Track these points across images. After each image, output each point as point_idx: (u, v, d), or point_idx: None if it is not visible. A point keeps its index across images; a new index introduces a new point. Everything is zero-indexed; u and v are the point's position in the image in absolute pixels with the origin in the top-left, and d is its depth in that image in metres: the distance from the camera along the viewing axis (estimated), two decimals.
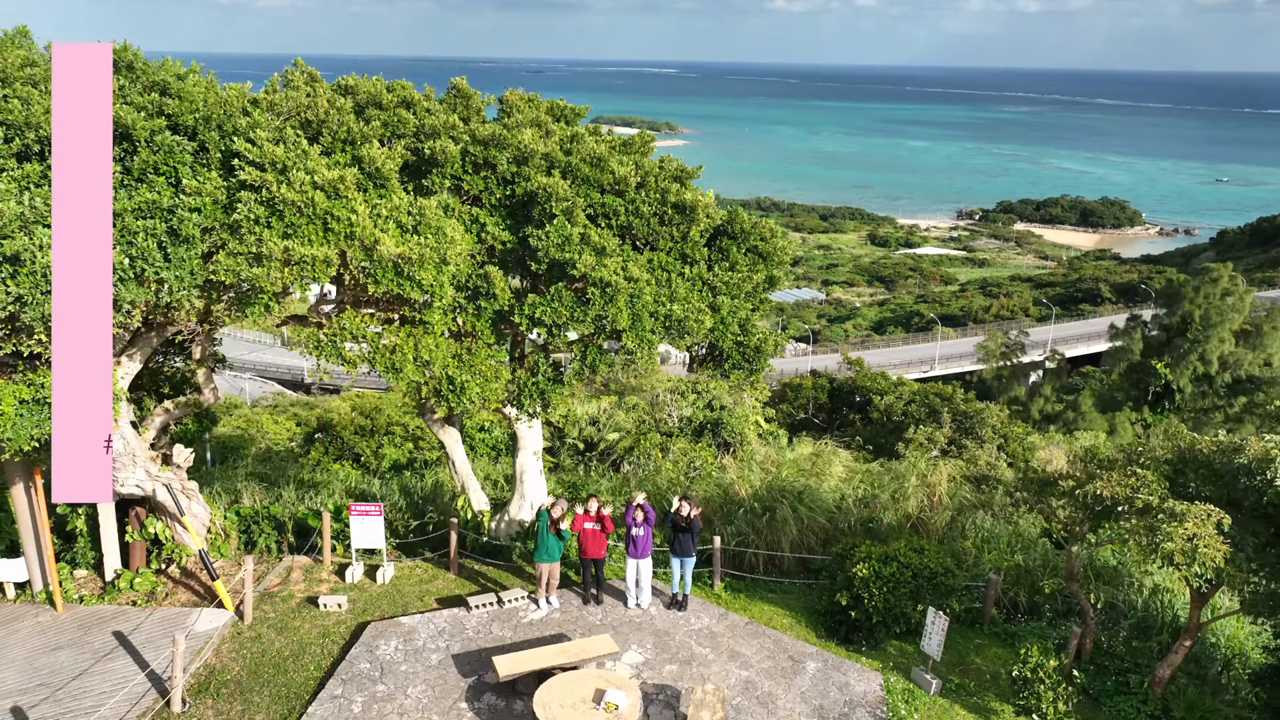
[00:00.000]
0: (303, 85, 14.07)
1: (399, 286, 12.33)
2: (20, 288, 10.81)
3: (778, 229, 18.25)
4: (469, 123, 15.43)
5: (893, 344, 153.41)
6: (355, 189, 12.56)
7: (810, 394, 43.41)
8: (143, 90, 12.78)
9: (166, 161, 11.97)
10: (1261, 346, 42.87)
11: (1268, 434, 12.82)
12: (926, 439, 35.20)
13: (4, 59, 12.17)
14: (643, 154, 17.02)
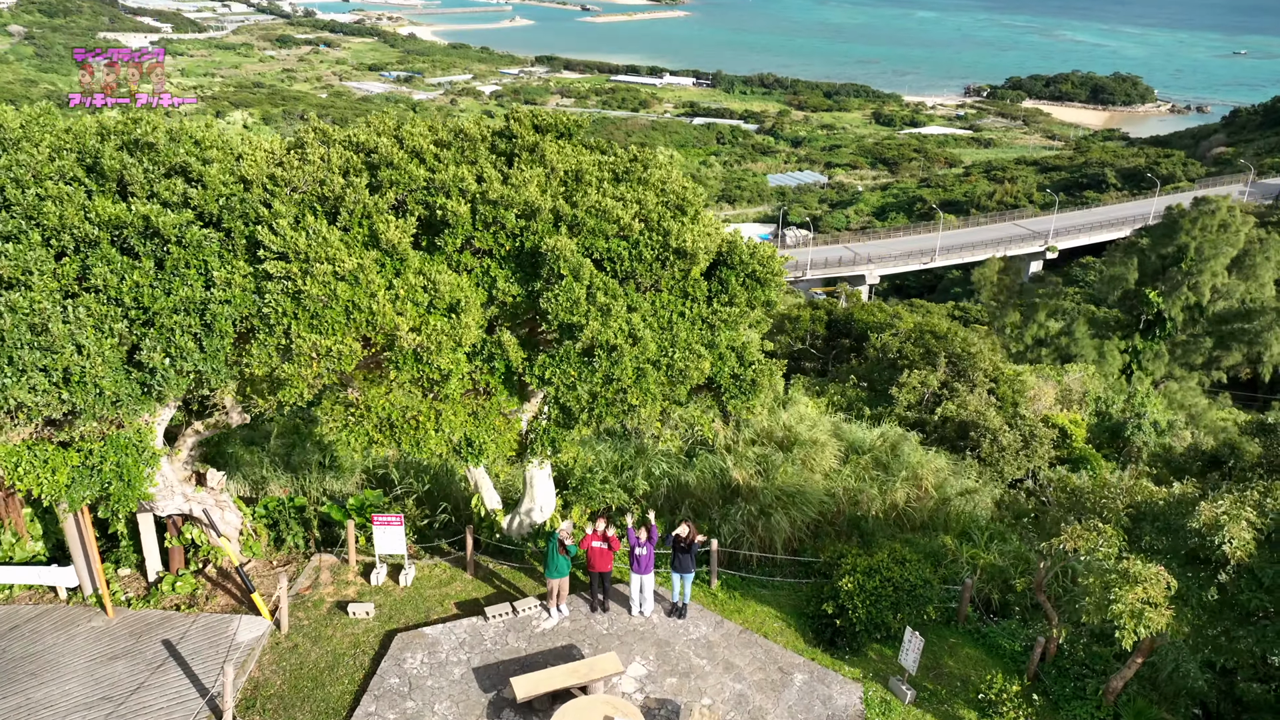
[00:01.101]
0: (317, 149, 14.54)
1: (418, 371, 13.19)
2: (75, 398, 11.70)
3: (773, 251, 18.94)
4: (476, 164, 15.92)
5: (894, 234, 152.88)
6: (375, 271, 13.27)
7: (808, 326, 44.31)
8: (166, 174, 13.31)
9: (196, 255, 12.65)
10: (1254, 276, 43.50)
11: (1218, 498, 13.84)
12: (920, 383, 36.32)
13: (33, 154, 12.67)
14: (643, 183, 17.49)
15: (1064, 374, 42.72)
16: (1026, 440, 33.41)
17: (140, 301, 12.25)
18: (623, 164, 18.16)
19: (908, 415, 35.79)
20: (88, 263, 12.26)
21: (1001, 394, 36.20)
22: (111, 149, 13.42)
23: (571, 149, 18.06)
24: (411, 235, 14.28)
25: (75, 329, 11.71)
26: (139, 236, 12.46)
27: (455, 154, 16.11)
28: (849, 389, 38.58)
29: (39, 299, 11.57)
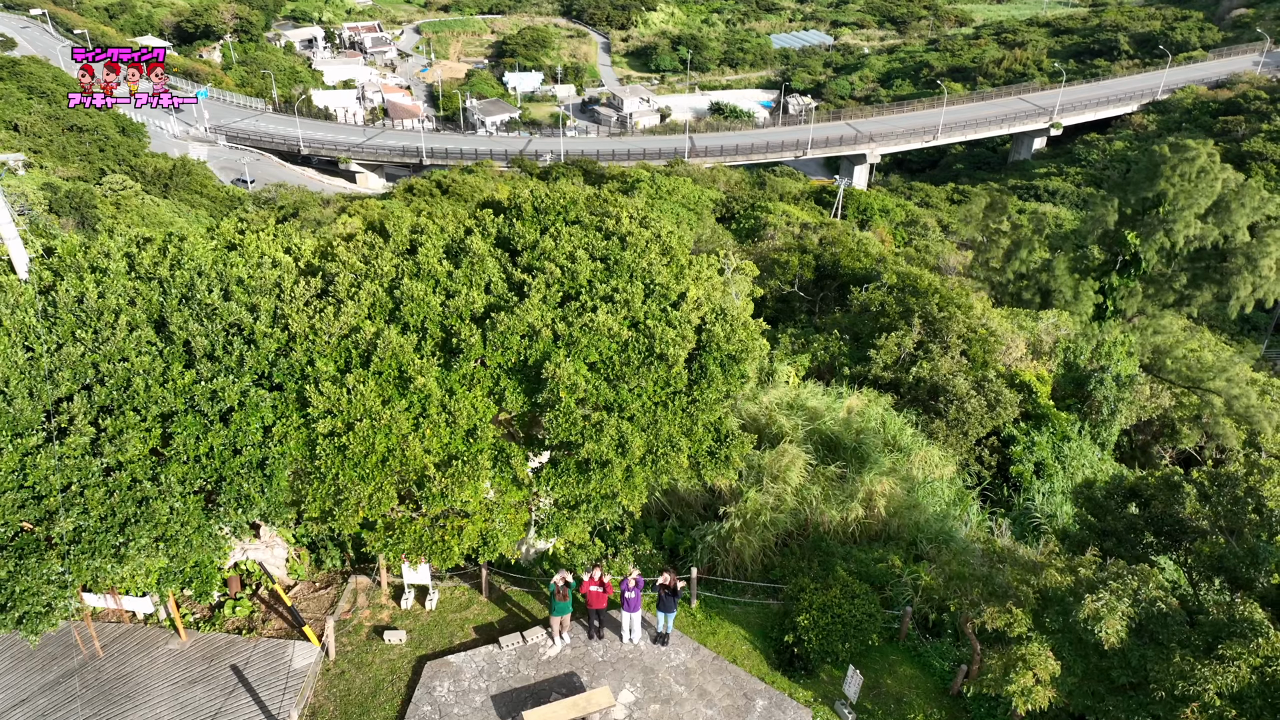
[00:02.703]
0: (346, 280, 16.73)
1: (444, 505, 15.83)
2: (170, 550, 14.41)
3: (753, 329, 21.23)
4: (490, 289, 18.09)
5: (898, 109, 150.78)
6: (405, 415, 15.74)
7: (797, 270, 46.33)
8: (225, 333, 15.56)
9: (255, 413, 15.09)
10: (1229, 221, 45.22)
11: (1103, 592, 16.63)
12: (896, 344, 38.76)
13: (114, 328, 14.89)
14: (632, 274, 19.57)
15: (1038, 320, 45.04)
16: (991, 404, 36.21)
17: (214, 459, 14.81)
18: (615, 249, 20.19)
19: (884, 375, 38.41)
20: (169, 429, 14.74)
21: (973, 354, 38.71)
22: (174, 304, 15.66)
23: (567, 235, 20.11)
24: (432, 363, 16.65)
25: (166, 494, 14.33)
26: (208, 401, 14.90)
27: (465, 272, 18.21)
28: (833, 342, 41.03)
29: (139, 475, 14.14)
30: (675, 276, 21.21)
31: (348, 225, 65.12)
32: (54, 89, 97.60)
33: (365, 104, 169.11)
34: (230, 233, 18.90)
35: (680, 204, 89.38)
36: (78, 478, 13.97)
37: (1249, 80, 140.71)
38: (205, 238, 18.20)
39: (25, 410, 13.85)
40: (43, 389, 14.15)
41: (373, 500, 15.32)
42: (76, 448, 14.01)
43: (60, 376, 14.36)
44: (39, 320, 14.84)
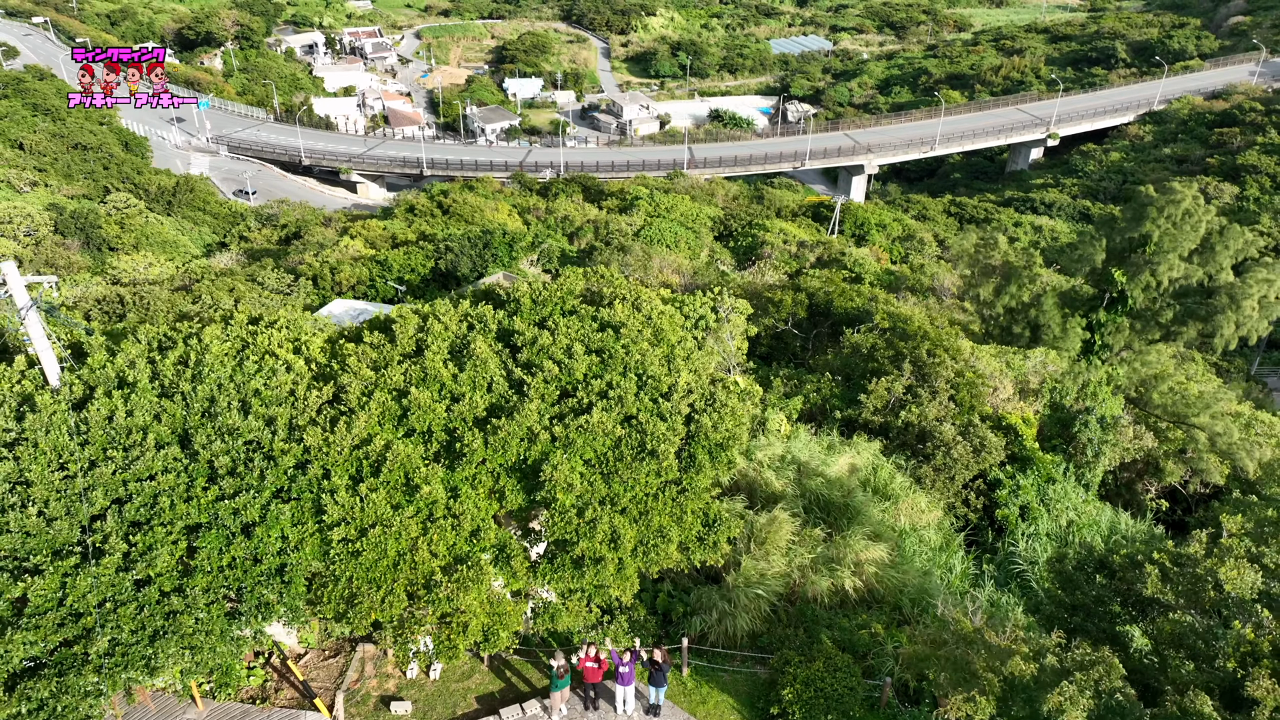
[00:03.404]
0: (356, 389, 17.82)
1: (450, 607, 16.96)
2: (196, 657, 15.53)
3: (741, 414, 22.30)
4: (492, 388, 19.18)
5: (896, 118, 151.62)
6: (413, 520, 16.85)
7: (790, 309, 47.40)
8: (246, 451, 16.67)
9: (275, 525, 16.20)
10: (1213, 261, 46.32)
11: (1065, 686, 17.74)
12: (886, 389, 39.83)
13: (142, 447, 15.99)
14: (625, 369, 20.67)
15: (1026, 359, 46.09)
16: (977, 450, 37.34)
17: (237, 569, 15.93)
18: (610, 340, 21.28)
19: (874, 420, 39.49)
20: (194, 542, 15.86)
21: (961, 399, 39.79)
22: (196, 419, 16.77)
23: (564, 327, 21.20)
24: (438, 468, 17.76)
25: (193, 606, 15.45)
26: (231, 515, 16.01)
27: (469, 374, 19.30)
28: (825, 383, 42.07)
29: (166, 587, 15.26)
30: (666, 359, 22.35)
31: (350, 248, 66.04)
32: (58, 106, 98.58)
33: (366, 111, 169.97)
34: (243, 328, 19.95)
35: (679, 222, 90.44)
36: (111, 593, 15.09)
37: (1245, 91, 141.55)
38: (221, 337, 19.24)
39: (64, 530, 14.97)
40: (79, 509, 15.25)
41: (384, 603, 16.44)
42: (110, 565, 15.12)
43: (93, 495, 15.46)
44: (72, 439, 15.93)
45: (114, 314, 47.60)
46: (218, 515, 15.94)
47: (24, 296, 17.07)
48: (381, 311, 50.29)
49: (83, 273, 72.98)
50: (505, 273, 70.63)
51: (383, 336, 20.10)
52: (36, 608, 14.62)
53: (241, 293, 60.86)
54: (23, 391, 17.20)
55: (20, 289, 16.99)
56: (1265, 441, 45.63)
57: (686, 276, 54.54)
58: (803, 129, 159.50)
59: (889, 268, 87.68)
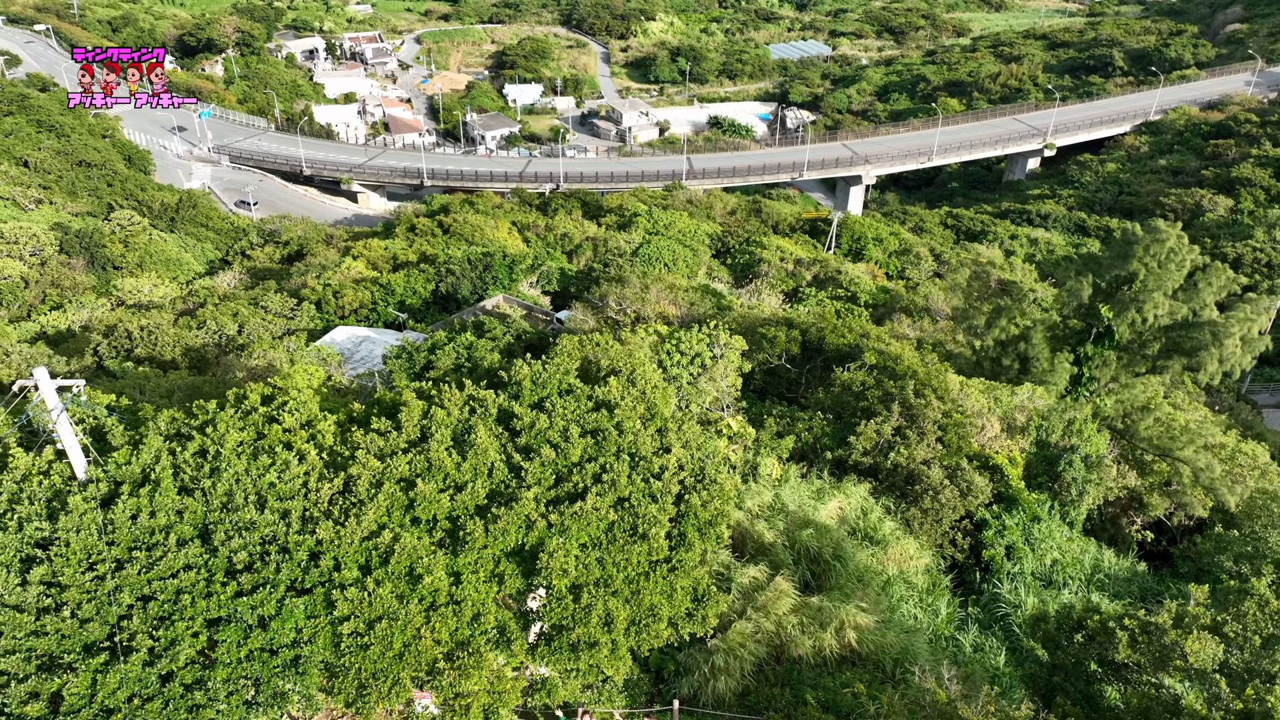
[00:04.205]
0: (366, 479, 18.94)
1: (452, 692, 18.10)
2: None
3: (729, 488, 23.42)
4: (493, 473, 20.30)
5: (893, 129, 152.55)
6: (418, 611, 17.97)
7: (784, 345, 48.47)
8: (261, 544, 17.78)
9: (290, 618, 17.32)
10: (1197, 298, 47.44)
11: None
12: (875, 432, 40.94)
13: (165, 548, 17.10)
14: (619, 450, 21.76)
15: (1014, 395, 47.18)
16: (964, 493, 38.48)
17: (254, 661, 17.05)
18: (605, 421, 22.36)
19: (863, 461, 40.61)
20: (214, 635, 16.98)
21: (948, 440, 40.90)
22: (216, 515, 17.89)
23: (560, 409, 22.29)
24: (441, 557, 18.88)
25: (214, 699, 16.57)
26: (249, 610, 17.12)
27: (472, 463, 20.38)
28: (816, 422, 43.17)
29: (188, 680, 16.38)
30: (659, 431, 23.47)
31: (352, 269, 67.01)
32: (62, 121, 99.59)
33: (366, 118, 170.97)
34: (258, 415, 21.02)
35: (676, 239, 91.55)
36: (138, 688, 16.20)
37: (1240, 102, 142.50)
38: (237, 425, 20.27)
39: (95, 630, 16.08)
40: (108, 610, 16.37)
41: (391, 693, 17.57)
42: (137, 661, 16.23)
43: (120, 596, 16.58)
44: (100, 539, 17.04)
45: (123, 349, 48.69)
46: (236, 610, 17.05)
47: (54, 400, 18.15)
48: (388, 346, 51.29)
49: (88, 293, 74.08)
50: (505, 295, 71.77)
51: (390, 423, 21.18)
52: (71, 706, 15.73)
53: (245, 317, 61.99)
54: (52, 486, 18.29)
55: (51, 392, 18.07)
56: (1248, 474, 46.79)
57: (684, 308, 55.60)
58: (801, 137, 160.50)
59: (884, 285, 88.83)
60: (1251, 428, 68.68)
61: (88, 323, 65.05)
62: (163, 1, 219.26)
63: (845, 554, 31.47)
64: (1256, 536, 40.80)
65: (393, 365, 49.01)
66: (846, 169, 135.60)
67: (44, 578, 16.50)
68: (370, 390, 49.31)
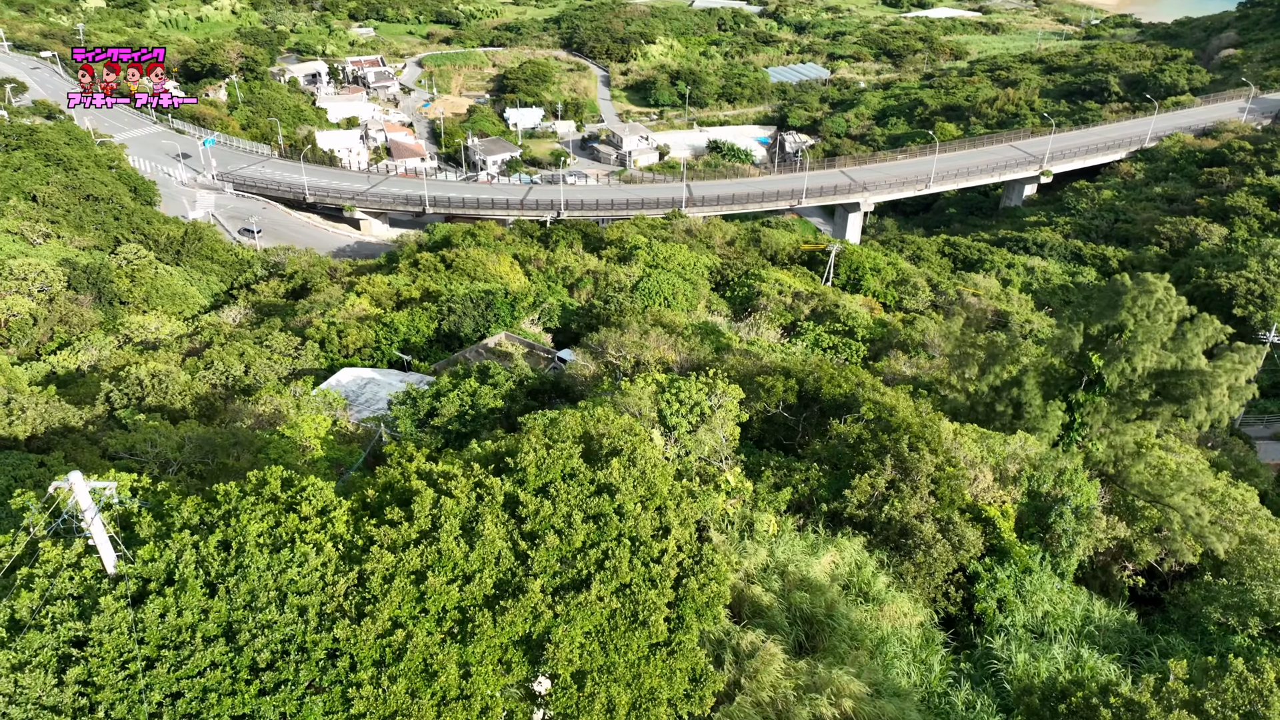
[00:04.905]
0: (382, 599, 19.93)
1: None
2: None
3: (725, 570, 24.40)
4: (500, 561, 21.30)
5: (892, 156, 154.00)
6: (430, 705, 18.93)
7: (781, 395, 49.51)
8: (283, 643, 18.77)
9: (310, 715, 18.29)
10: (1185, 347, 48.48)
11: None
12: (869, 485, 41.95)
13: (193, 648, 18.08)
14: (619, 536, 22.76)
15: (1006, 444, 48.19)
16: (956, 547, 39.46)
17: None
18: (607, 506, 23.37)
19: (858, 514, 41.59)
20: None
21: (941, 494, 41.89)
22: (239, 614, 18.88)
23: (565, 495, 23.30)
24: (453, 650, 19.86)
25: None
26: (272, 709, 18.09)
27: (480, 553, 21.39)
28: (812, 473, 44.18)
29: None
30: (659, 509, 24.51)
31: (356, 306, 68.11)
32: (70, 154, 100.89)
33: (369, 143, 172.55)
34: (279, 504, 22.00)
35: (676, 273, 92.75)
36: None
37: (1234, 129, 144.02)
38: (257, 516, 21.23)
39: None
40: (139, 710, 17.34)
41: None
42: None
43: (150, 696, 17.55)
44: (131, 638, 18.02)
45: (134, 397, 49.70)
46: (260, 709, 18.02)
47: (88, 501, 19.18)
48: (393, 392, 52.22)
49: (95, 331, 75.20)
50: (508, 333, 72.87)
51: (401, 512, 22.18)
52: None
53: (251, 358, 63.01)
54: (83, 581, 19.32)
55: (85, 494, 19.10)
56: (1237, 519, 47.80)
57: (683, 354, 56.68)
58: (800, 161, 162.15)
59: (882, 318, 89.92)
60: (1244, 464, 69.66)
61: (96, 363, 66.12)
62: (167, 26, 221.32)
63: (838, 614, 32.45)
64: (1243, 588, 41.72)
65: (398, 412, 50.03)
66: (845, 196, 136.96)
67: (79, 677, 17.47)
68: (376, 436, 50.37)
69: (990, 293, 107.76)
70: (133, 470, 43.33)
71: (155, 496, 24.45)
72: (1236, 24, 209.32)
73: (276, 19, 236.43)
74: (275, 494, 22.47)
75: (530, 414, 44.50)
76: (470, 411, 49.36)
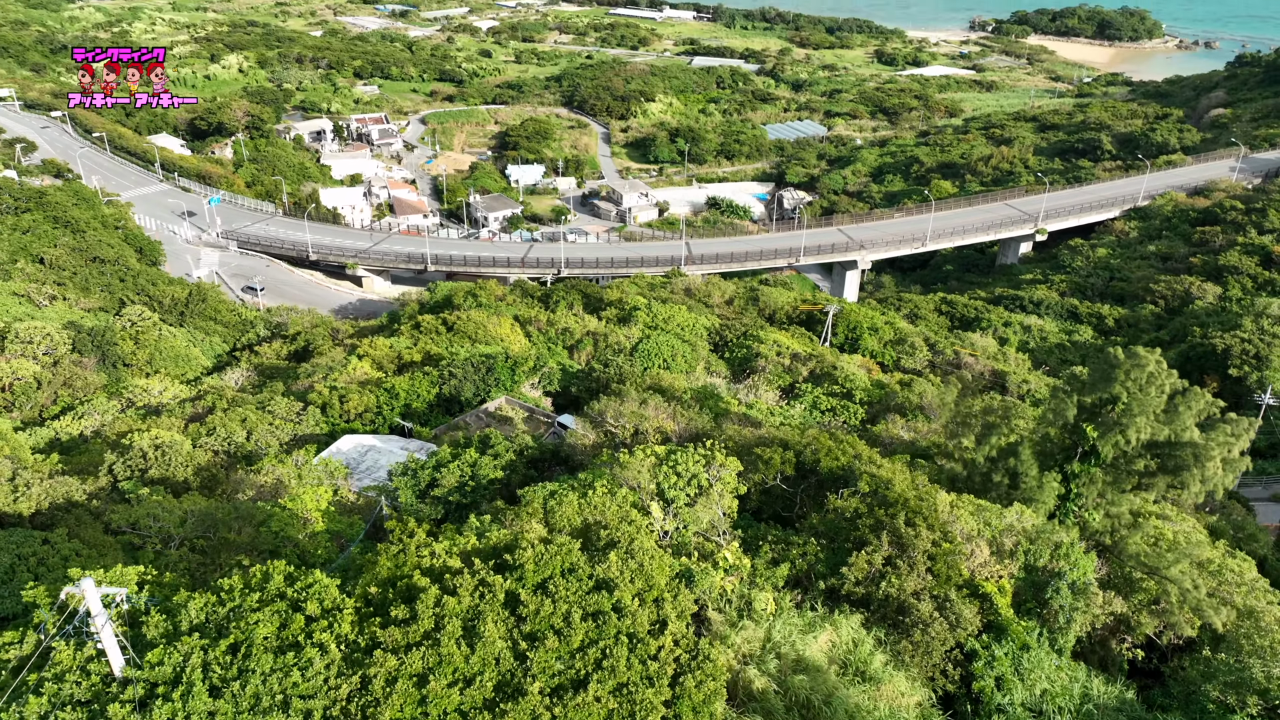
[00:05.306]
0: (384, 702, 20.30)
1: None
2: None
3: (720, 665, 24.72)
4: (500, 662, 21.67)
5: (890, 214, 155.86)
6: None
7: (779, 467, 50.01)
8: None
9: None
10: (1178, 420, 49.04)
11: None
12: (866, 562, 42.28)
13: None
14: (617, 634, 23.14)
15: (1002, 517, 48.58)
16: (953, 625, 39.66)
17: None
18: (605, 603, 23.77)
19: (856, 591, 41.85)
20: None
21: (938, 570, 42.18)
22: (245, 715, 19.25)
23: (564, 591, 23.72)
24: None
25: None
26: None
27: (480, 655, 21.77)
28: (810, 548, 44.52)
29: None
30: (656, 602, 24.93)
31: (358, 370, 68.72)
32: (78, 216, 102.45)
33: (372, 200, 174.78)
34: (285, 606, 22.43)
35: (675, 334, 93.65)
36: None
37: (1225, 188, 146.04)
38: (266, 620, 21.65)
39: None
40: None
41: None
42: None
43: None
44: None
45: (137, 468, 50.16)
46: None
47: (99, 607, 19.64)
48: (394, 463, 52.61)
49: (99, 394, 75.79)
50: (508, 397, 73.50)
51: (405, 609, 22.60)
52: None
53: (253, 424, 63.51)
54: (91, 686, 19.72)
55: (96, 602, 19.57)
56: (1235, 591, 48.02)
57: (681, 424, 57.25)
58: (798, 218, 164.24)
59: (879, 379, 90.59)
60: (1243, 528, 69.84)
61: (99, 428, 66.64)
62: (176, 85, 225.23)
63: (835, 699, 32.61)
64: (1241, 666, 41.84)
65: (399, 483, 50.41)
66: (842, 254, 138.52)
67: None
68: (377, 509, 50.71)
69: (987, 352, 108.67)
70: (136, 546, 43.75)
71: (162, 590, 24.89)
72: (1225, 83, 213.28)
73: (283, 77, 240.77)
74: (281, 590, 22.93)
75: (530, 487, 44.82)
76: (470, 483, 49.75)
